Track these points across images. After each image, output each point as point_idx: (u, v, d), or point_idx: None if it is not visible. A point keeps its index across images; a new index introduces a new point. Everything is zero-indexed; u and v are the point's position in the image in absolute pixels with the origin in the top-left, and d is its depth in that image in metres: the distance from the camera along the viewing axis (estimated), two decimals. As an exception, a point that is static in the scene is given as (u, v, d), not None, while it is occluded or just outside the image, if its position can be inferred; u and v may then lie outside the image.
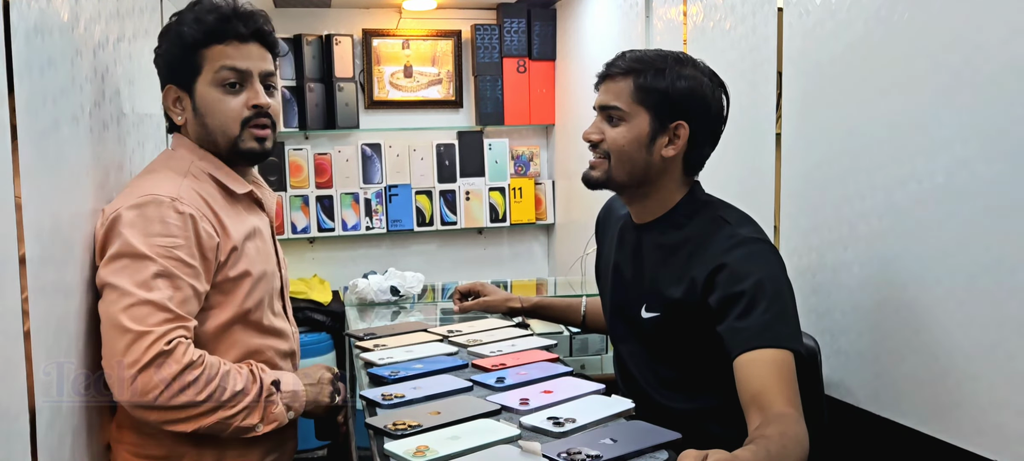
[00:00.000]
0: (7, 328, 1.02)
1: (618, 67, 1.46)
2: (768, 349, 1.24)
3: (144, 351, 1.27)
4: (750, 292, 1.28)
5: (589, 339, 2.18)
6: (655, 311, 1.45)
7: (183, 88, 1.50)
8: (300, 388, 1.48)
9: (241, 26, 1.48)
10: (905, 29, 1.43)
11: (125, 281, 1.32)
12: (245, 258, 1.48)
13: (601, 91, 1.49)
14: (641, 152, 1.44)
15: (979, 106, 1.28)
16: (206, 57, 1.47)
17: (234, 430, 1.37)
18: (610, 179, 1.48)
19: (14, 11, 1.06)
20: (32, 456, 1.10)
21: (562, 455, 1.13)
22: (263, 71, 1.51)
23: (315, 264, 3.76)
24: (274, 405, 1.41)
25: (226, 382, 1.35)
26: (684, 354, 1.44)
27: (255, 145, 1.50)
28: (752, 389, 1.22)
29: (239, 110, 1.48)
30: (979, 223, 1.29)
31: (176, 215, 1.38)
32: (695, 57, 1.48)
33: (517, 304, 2.08)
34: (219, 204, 1.48)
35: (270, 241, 1.61)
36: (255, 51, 1.50)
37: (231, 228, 1.47)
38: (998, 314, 1.26)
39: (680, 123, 1.42)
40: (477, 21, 3.79)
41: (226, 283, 1.46)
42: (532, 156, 3.95)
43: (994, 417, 1.28)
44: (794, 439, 1.13)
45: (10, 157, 1.02)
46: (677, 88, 1.42)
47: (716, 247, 1.36)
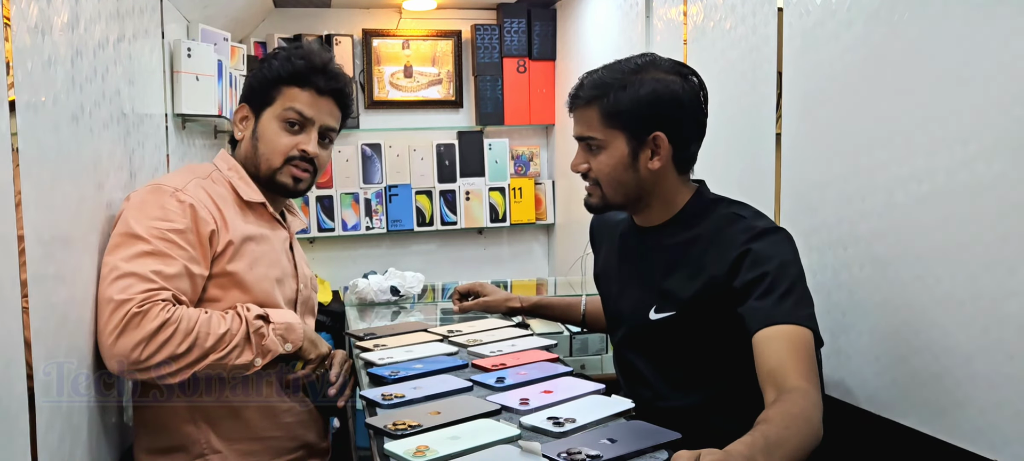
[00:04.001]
0: (7, 328, 1.02)
1: (581, 98, 1.46)
2: (787, 325, 1.26)
3: (121, 318, 1.34)
4: (772, 273, 1.30)
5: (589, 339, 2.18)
6: (666, 311, 1.44)
7: (254, 111, 1.63)
8: (296, 322, 1.53)
9: (322, 81, 1.60)
10: (905, 29, 1.43)
11: (116, 257, 1.39)
12: (243, 257, 1.52)
13: (574, 120, 1.49)
14: (627, 173, 1.44)
15: (979, 106, 1.28)
16: (282, 93, 1.60)
17: (233, 369, 1.44)
18: (608, 203, 1.49)
19: (14, 11, 1.06)
20: (32, 456, 1.10)
21: (562, 455, 1.13)
22: (325, 125, 1.63)
23: (315, 264, 3.75)
24: (264, 337, 1.46)
25: (207, 328, 1.40)
26: (693, 352, 1.44)
27: (289, 182, 1.62)
28: (769, 365, 1.23)
29: (288, 148, 1.60)
30: (979, 223, 1.29)
31: (176, 203, 1.46)
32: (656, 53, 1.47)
33: (517, 304, 2.08)
34: (226, 204, 1.55)
35: (284, 253, 1.66)
36: (326, 106, 1.62)
37: (232, 224, 1.53)
38: (998, 314, 1.26)
39: (656, 134, 1.41)
40: (477, 21, 3.79)
41: (223, 277, 1.50)
42: (532, 156, 3.95)
43: (994, 417, 1.28)
44: (801, 416, 1.12)
45: (10, 157, 1.02)
46: (642, 99, 1.40)
47: (736, 238, 1.37)
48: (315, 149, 1.61)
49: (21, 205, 1.07)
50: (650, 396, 1.49)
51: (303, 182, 1.63)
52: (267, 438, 1.58)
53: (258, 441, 1.57)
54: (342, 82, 1.63)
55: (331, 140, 1.67)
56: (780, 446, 1.04)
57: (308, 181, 1.64)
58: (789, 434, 1.07)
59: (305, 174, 1.62)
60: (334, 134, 1.67)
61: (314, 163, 1.62)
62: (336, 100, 1.63)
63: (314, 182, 1.66)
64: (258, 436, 1.57)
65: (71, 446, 1.27)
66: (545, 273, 4.02)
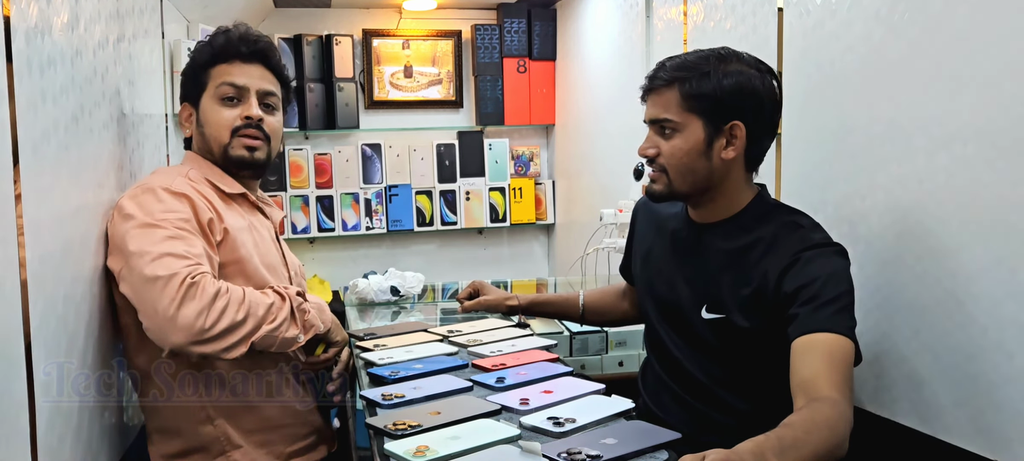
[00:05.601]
0: (7, 328, 1.02)
1: (661, 78, 1.43)
2: (828, 334, 1.24)
3: (177, 289, 1.33)
4: (821, 282, 1.29)
5: (589, 339, 2.18)
6: (718, 313, 1.43)
7: (192, 104, 1.63)
8: (323, 303, 1.58)
9: (243, 47, 1.60)
10: (905, 29, 1.43)
11: (142, 244, 1.38)
12: (239, 245, 1.54)
13: (648, 104, 1.46)
14: (700, 160, 1.42)
15: (979, 106, 1.28)
16: (211, 75, 1.60)
17: (281, 342, 1.45)
18: (673, 191, 1.46)
19: (14, 11, 1.06)
20: (32, 456, 1.10)
21: (562, 455, 1.13)
22: (261, 89, 1.62)
23: (315, 264, 3.76)
24: (306, 313, 1.50)
25: (256, 299, 1.43)
26: (740, 355, 1.43)
27: (244, 153, 1.60)
28: (802, 374, 1.22)
29: (231, 120, 1.59)
30: (979, 223, 1.29)
31: (171, 195, 1.47)
32: (738, 50, 1.44)
33: (515, 302, 2.08)
34: (213, 198, 1.55)
35: (272, 241, 1.67)
36: (256, 71, 1.62)
37: (225, 216, 1.54)
38: (998, 314, 1.26)
39: (735, 123, 1.40)
40: (477, 21, 3.79)
41: (226, 266, 1.51)
42: (532, 156, 3.95)
43: (994, 417, 1.28)
44: (824, 425, 1.10)
45: (10, 157, 1.02)
46: (725, 88, 1.38)
47: (792, 246, 1.36)
48: (258, 112, 1.59)
49: (21, 205, 1.07)
50: (685, 384, 1.49)
51: (258, 150, 1.61)
52: (282, 426, 1.61)
53: (274, 430, 1.59)
54: (263, 44, 1.63)
55: (274, 106, 1.65)
56: (795, 448, 1.02)
57: (263, 149, 1.61)
58: (808, 439, 1.05)
59: (257, 141, 1.60)
60: (275, 99, 1.65)
61: (263, 129, 1.60)
62: (264, 63, 1.62)
63: (271, 152, 1.64)
64: (273, 425, 1.59)
65: (71, 446, 1.27)
66: (545, 273, 4.02)
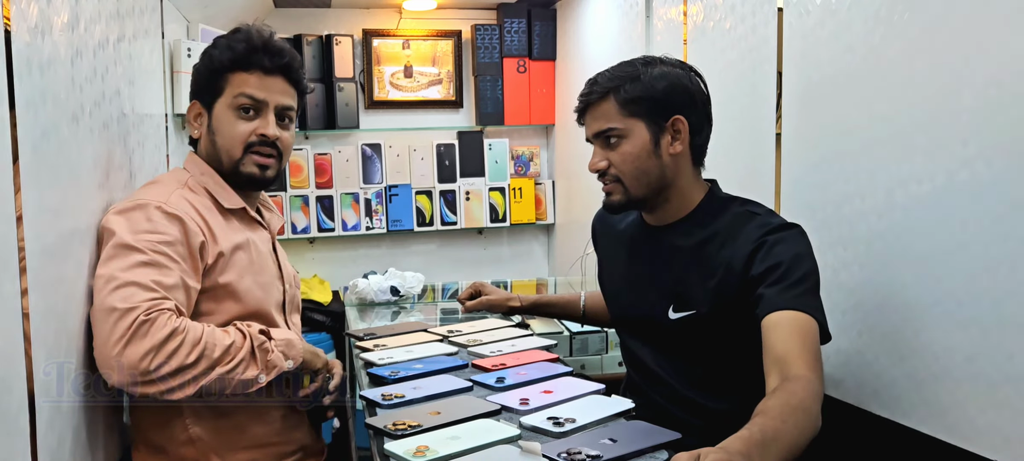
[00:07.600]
0: (7, 328, 1.02)
1: (596, 92, 1.48)
2: (796, 312, 1.27)
3: (128, 326, 1.29)
4: (787, 263, 1.33)
5: (589, 339, 2.18)
6: (686, 310, 1.45)
7: (205, 105, 1.57)
8: (294, 338, 1.50)
9: (267, 59, 1.54)
10: (905, 29, 1.43)
11: (112, 269, 1.34)
12: (234, 267, 1.50)
13: (588, 121, 1.50)
14: (651, 160, 1.45)
15: (979, 106, 1.28)
16: (230, 81, 1.54)
17: (237, 384, 1.39)
18: (630, 199, 1.49)
19: (14, 11, 1.06)
20: (32, 456, 1.10)
21: (562, 455, 1.13)
22: (280, 105, 1.57)
23: (315, 264, 3.75)
24: (269, 353, 1.43)
25: (213, 340, 1.36)
26: (715, 352, 1.44)
27: (255, 170, 1.56)
28: (775, 351, 1.25)
29: (246, 135, 1.54)
30: (979, 223, 1.29)
31: (163, 216, 1.42)
32: (659, 54, 1.51)
33: (517, 303, 2.09)
34: (210, 213, 1.51)
35: (269, 255, 1.63)
36: (277, 84, 1.56)
37: (219, 236, 1.50)
38: (998, 314, 1.26)
39: (676, 117, 1.44)
40: (477, 21, 3.79)
41: (217, 289, 1.48)
42: (532, 156, 3.95)
43: (994, 417, 1.28)
44: (799, 408, 1.13)
45: (10, 157, 1.02)
46: (658, 88, 1.44)
47: (753, 232, 1.39)
48: (275, 131, 1.55)
49: (21, 205, 1.07)
50: (667, 394, 1.49)
51: (269, 168, 1.57)
52: (266, 444, 1.56)
53: (258, 448, 1.55)
54: (287, 57, 1.57)
55: (291, 119, 1.60)
56: (776, 440, 1.05)
57: (274, 167, 1.57)
58: (787, 427, 1.08)
59: (269, 160, 1.56)
60: (292, 113, 1.60)
61: (277, 146, 1.56)
62: (286, 77, 1.57)
63: (281, 167, 1.60)
64: (257, 443, 1.55)
65: (71, 446, 1.27)
66: (545, 273, 4.02)
